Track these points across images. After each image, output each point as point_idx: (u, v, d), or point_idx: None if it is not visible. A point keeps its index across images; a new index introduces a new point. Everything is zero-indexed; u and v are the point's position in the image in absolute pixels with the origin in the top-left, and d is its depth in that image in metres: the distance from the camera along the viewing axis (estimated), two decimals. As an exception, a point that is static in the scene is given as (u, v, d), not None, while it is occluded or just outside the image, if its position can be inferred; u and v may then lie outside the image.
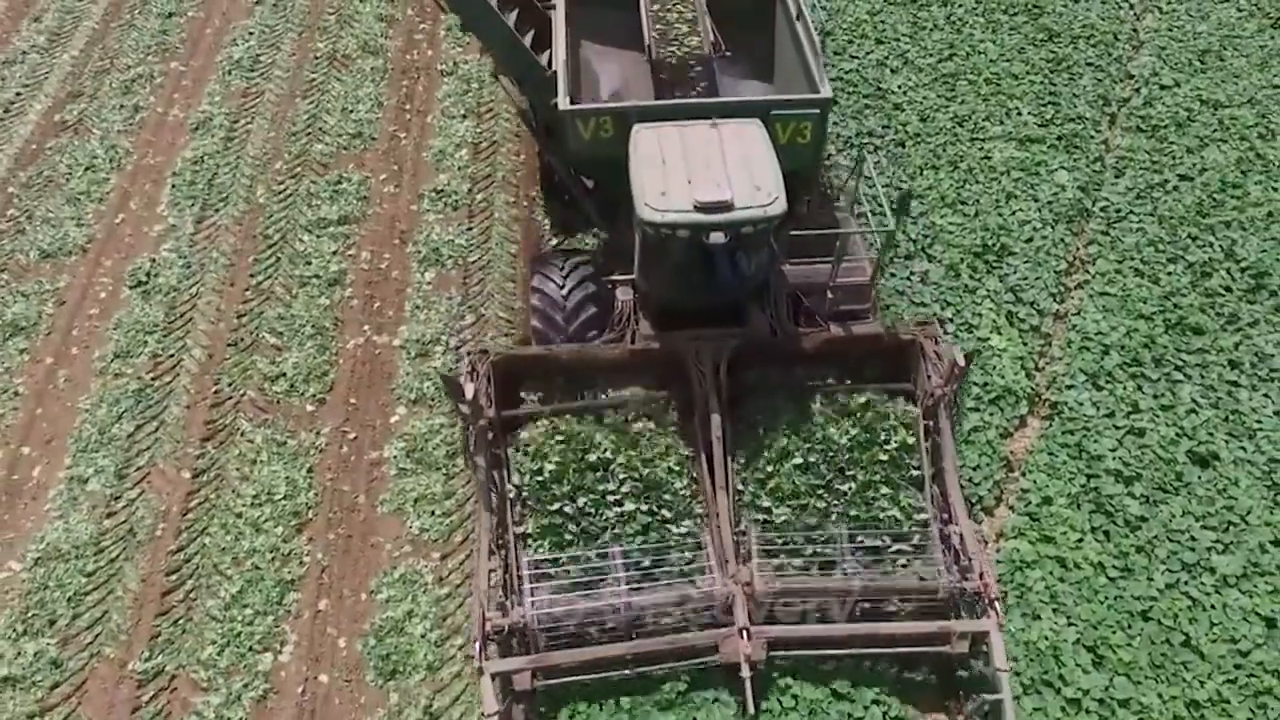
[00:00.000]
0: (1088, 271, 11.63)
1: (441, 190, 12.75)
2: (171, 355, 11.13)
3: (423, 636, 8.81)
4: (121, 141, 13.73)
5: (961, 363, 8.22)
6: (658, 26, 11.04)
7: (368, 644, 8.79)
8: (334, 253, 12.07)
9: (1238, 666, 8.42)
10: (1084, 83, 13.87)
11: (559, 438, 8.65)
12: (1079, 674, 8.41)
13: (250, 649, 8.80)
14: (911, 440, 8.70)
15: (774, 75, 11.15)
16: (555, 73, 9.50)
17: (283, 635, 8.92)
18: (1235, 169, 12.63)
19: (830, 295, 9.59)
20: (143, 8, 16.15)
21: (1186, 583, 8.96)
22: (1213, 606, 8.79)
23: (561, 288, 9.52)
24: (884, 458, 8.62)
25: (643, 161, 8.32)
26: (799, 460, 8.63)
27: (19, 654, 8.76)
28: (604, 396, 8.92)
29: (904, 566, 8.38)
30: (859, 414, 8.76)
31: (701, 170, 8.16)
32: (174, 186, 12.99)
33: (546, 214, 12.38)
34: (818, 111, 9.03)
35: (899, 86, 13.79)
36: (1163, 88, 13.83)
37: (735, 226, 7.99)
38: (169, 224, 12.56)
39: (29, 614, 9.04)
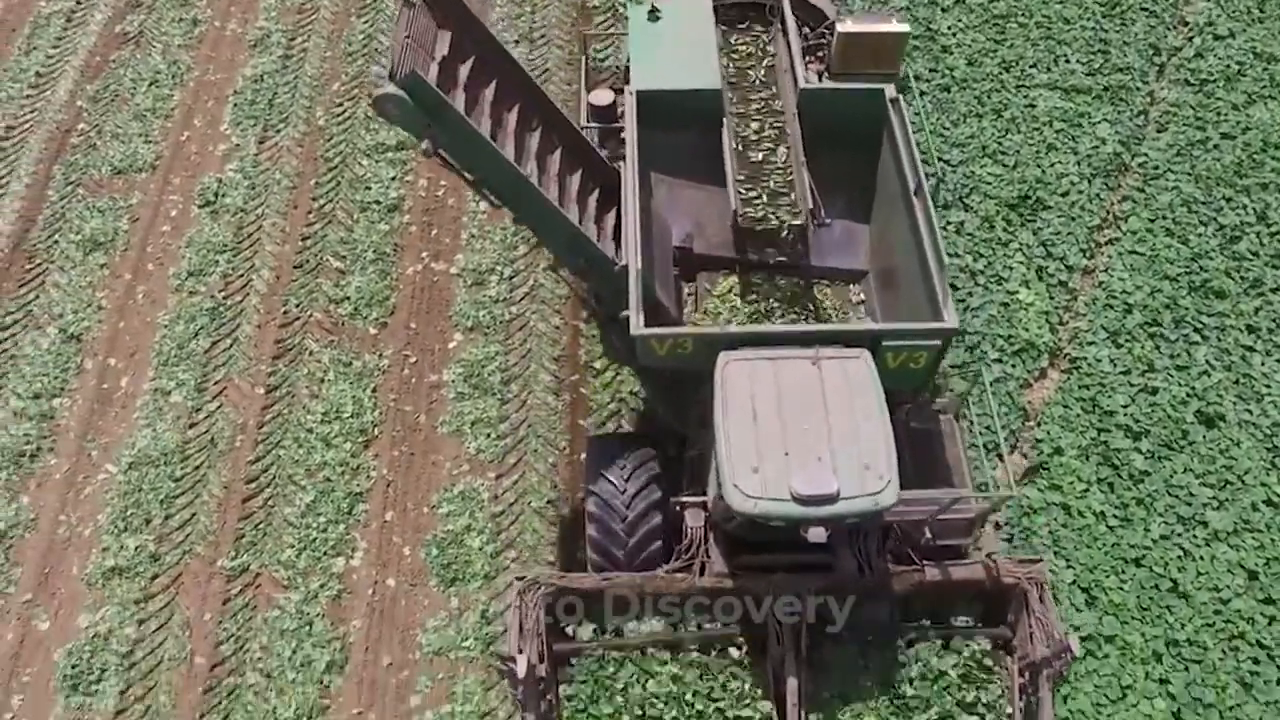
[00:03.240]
0: (1119, 229, 11.99)
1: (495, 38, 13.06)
2: (241, 275, 11.84)
3: (480, 549, 9.77)
4: (183, 56, 14.08)
5: (1075, 651, 7.15)
6: (746, 184, 8.87)
7: (430, 553, 9.75)
8: (392, 178, 12.57)
9: (1217, 612, 9.26)
10: (1136, 29, 13.84)
11: (618, 681, 7.58)
12: (1072, 612, 9.29)
13: (325, 553, 9.80)
14: (1004, 700, 7.57)
15: (871, 216, 9.47)
16: (625, 267, 7.88)
17: (353, 542, 9.90)
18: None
19: (929, 533, 8.21)
20: (196, -89, 16.14)
21: (1180, 534, 9.72)
22: (1201, 558, 9.57)
23: (622, 494, 8.31)
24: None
25: (731, 413, 7.00)
26: None
27: (122, 548, 9.82)
28: (666, 626, 7.81)
29: None
30: (950, 666, 7.63)
31: (801, 436, 6.87)
32: (235, 105, 13.42)
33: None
34: (938, 344, 7.57)
35: (949, 28, 13.82)
36: (1216, 38, 13.78)
37: (839, 520, 6.79)
38: (233, 143, 13.07)
39: (127, 513, 10.05)
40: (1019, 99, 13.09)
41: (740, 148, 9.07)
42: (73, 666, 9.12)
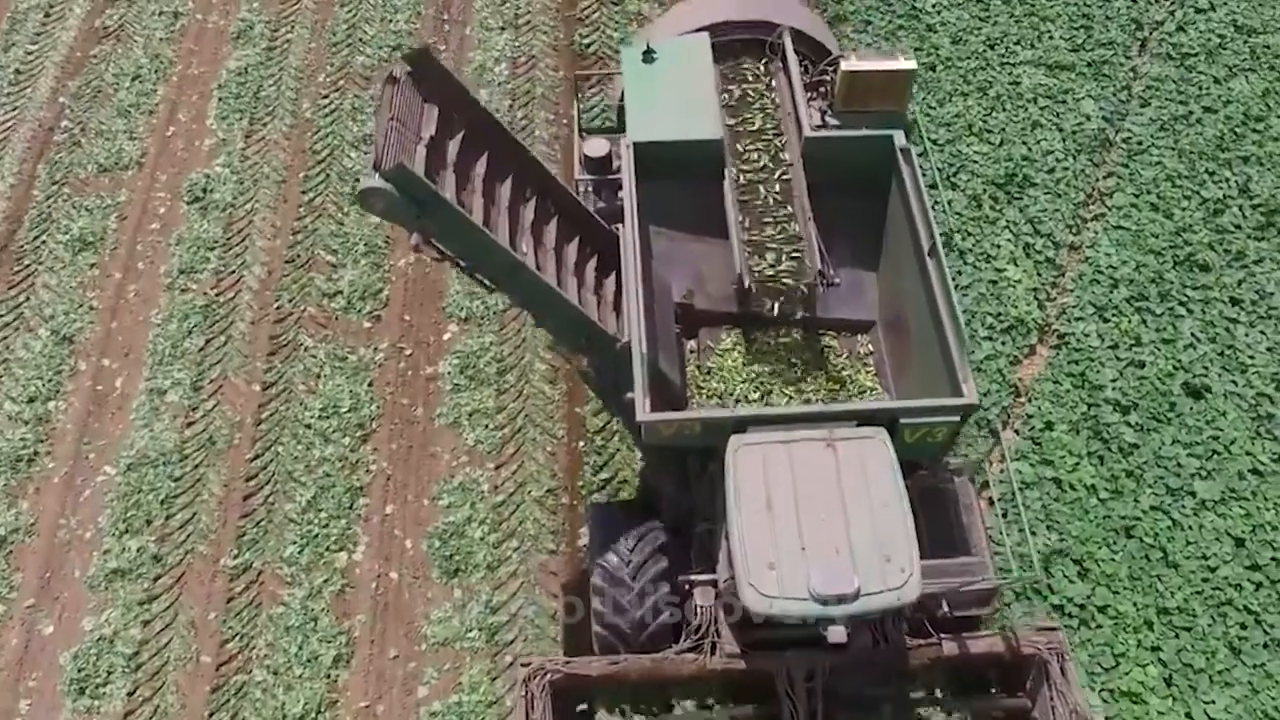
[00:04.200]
0: (1105, 204, 12.12)
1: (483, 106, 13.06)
2: (233, 272, 11.81)
3: (481, 539, 9.83)
4: (165, 50, 13.96)
5: None
6: (750, 245, 8.42)
7: (432, 545, 9.80)
8: (380, 171, 12.54)
9: (1205, 580, 9.45)
10: (1118, 4, 13.91)
11: None
12: (1065, 584, 9.46)
13: (327, 549, 9.83)
14: None
15: (879, 264, 9.16)
16: (627, 344, 7.53)
17: (355, 536, 9.95)
18: (1260, 101, 12.90)
19: (945, 606, 7.88)
20: (170, -99, 15.94)
21: (1169, 505, 9.89)
22: (1190, 527, 9.75)
23: (629, 593, 7.98)
24: None
25: (744, 504, 6.78)
26: None
27: (124, 549, 9.83)
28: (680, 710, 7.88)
29: None
30: None
31: (817, 527, 6.67)
32: (220, 99, 13.33)
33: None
34: (957, 420, 7.32)
35: (933, 6, 13.84)
36: (1198, 11, 13.87)
37: (861, 618, 6.65)
38: (219, 138, 12.99)
39: (128, 514, 10.05)
40: (1004, 76, 13.17)
41: (744, 204, 8.59)
42: (79, 670, 9.15)
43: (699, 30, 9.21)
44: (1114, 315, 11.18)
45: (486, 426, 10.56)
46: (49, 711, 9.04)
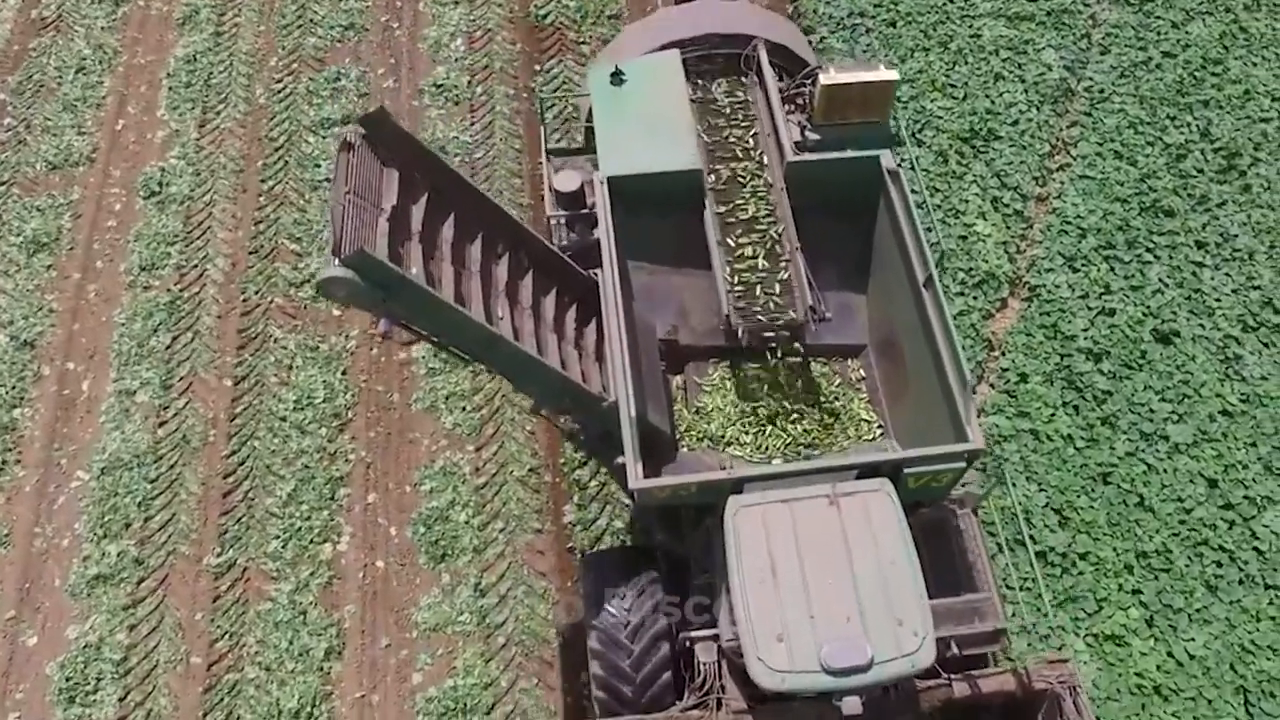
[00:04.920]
0: (1069, 154, 12.16)
1: (441, 84, 12.84)
2: (195, 266, 11.57)
3: (466, 522, 9.81)
4: (108, 40, 13.53)
5: None
6: (736, 283, 8.02)
7: (417, 531, 9.77)
8: (340, 155, 12.29)
9: (1181, 522, 9.64)
10: (1074, -50, 13.86)
11: None
12: (1046, 533, 9.63)
13: (311, 541, 9.78)
14: None
15: (868, 287, 8.73)
16: (614, 404, 7.19)
17: (338, 527, 9.89)
18: (1218, 44, 12.96)
19: (955, 647, 7.58)
20: (103, -117, 15.35)
21: (1144, 450, 10.06)
22: (1165, 471, 9.93)
23: (626, 623, 7.64)
24: None
25: (748, 571, 6.50)
26: None
27: (104, 555, 9.70)
28: None
29: None
30: None
31: (825, 593, 6.41)
32: (170, 89, 12.97)
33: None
34: (963, 465, 7.04)
35: (891, -40, 13.72)
36: (1153, -46, 13.86)
37: (875, 688, 6.41)
38: (171, 129, 12.66)
39: (105, 519, 9.91)
40: (964, 29, 13.12)
41: (727, 240, 8.19)
42: (67, 679, 9.06)
43: (668, 46, 8.80)
44: (1083, 265, 11.27)
45: (464, 409, 10.48)
46: (40, 722, 8.97)
